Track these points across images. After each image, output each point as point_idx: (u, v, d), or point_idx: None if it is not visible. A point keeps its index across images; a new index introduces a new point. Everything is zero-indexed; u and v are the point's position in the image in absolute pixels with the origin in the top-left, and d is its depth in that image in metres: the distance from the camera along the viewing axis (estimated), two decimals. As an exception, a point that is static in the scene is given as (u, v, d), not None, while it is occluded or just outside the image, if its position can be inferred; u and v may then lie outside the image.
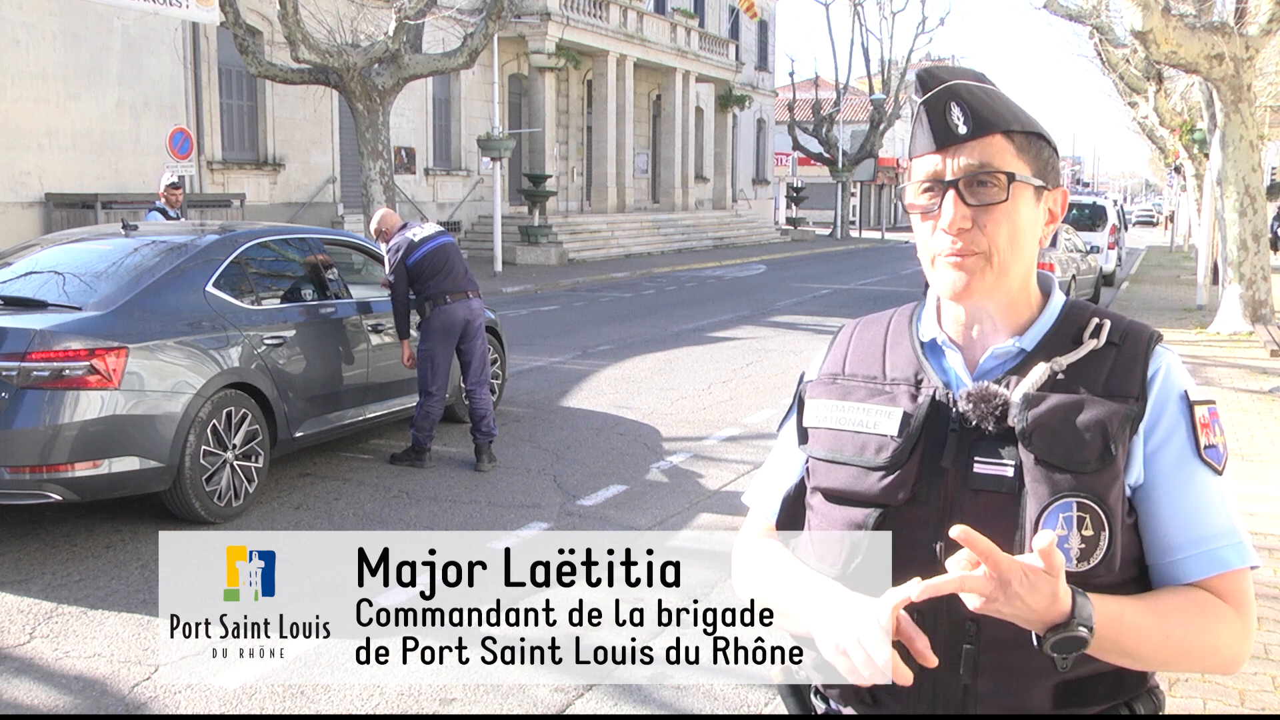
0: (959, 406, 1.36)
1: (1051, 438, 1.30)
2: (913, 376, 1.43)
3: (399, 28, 16.55)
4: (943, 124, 1.35)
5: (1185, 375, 1.39)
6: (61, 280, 5.83)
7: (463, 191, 27.85)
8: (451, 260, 7.07)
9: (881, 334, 1.51)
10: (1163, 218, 55.78)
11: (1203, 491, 1.34)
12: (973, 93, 1.36)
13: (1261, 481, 6.58)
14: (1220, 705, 3.62)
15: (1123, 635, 1.26)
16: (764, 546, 1.54)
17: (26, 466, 5.04)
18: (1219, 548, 1.33)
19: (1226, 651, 1.33)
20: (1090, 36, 21.36)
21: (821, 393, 1.49)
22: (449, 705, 3.77)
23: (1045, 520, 1.28)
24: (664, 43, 34.41)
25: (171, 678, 3.93)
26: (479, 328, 7.20)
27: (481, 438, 7.02)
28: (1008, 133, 1.35)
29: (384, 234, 7.21)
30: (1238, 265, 13.71)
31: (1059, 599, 1.18)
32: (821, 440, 1.46)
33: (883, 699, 1.40)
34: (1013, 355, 1.39)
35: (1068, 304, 1.44)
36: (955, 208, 1.34)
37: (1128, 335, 1.38)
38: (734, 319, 15.64)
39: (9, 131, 16.61)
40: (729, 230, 37.38)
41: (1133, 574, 1.35)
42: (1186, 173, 25.53)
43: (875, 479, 1.38)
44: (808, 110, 45.82)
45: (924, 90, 1.37)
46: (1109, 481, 1.30)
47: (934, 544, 1.34)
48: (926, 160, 1.38)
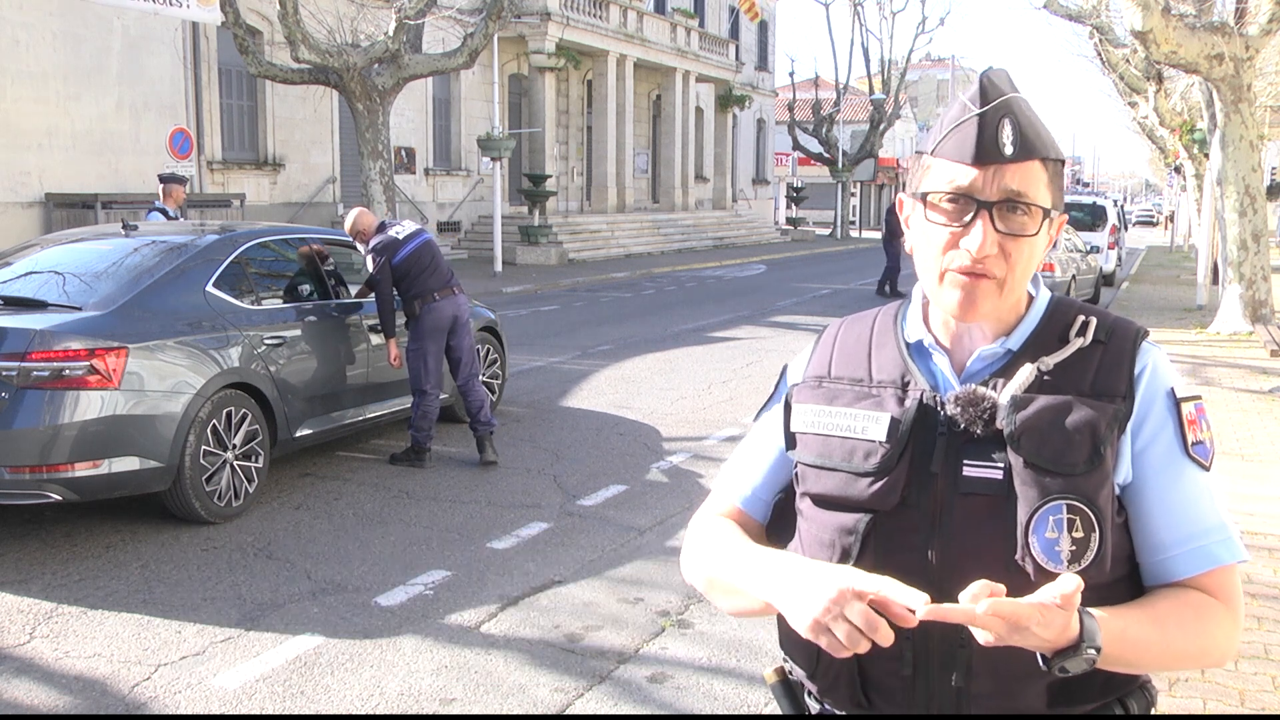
0: (947, 410, 1.36)
1: (1040, 440, 1.30)
2: (899, 379, 1.42)
3: (399, 28, 16.55)
4: (993, 139, 1.32)
5: (1172, 372, 1.39)
6: (61, 280, 5.83)
7: (463, 191, 27.86)
8: (436, 257, 7.07)
9: (866, 334, 1.50)
10: (1163, 218, 55.79)
11: (1191, 488, 1.35)
12: (1024, 113, 1.33)
13: (1261, 481, 6.57)
14: (1220, 705, 3.61)
15: (1126, 651, 1.27)
16: (717, 525, 1.53)
17: (26, 466, 5.04)
18: (1209, 544, 1.34)
19: (1219, 649, 1.35)
20: (1090, 36, 21.36)
21: (808, 397, 1.48)
22: (449, 705, 3.77)
23: (1036, 523, 1.28)
24: (664, 43, 34.41)
25: (171, 678, 3.93)
26: (466, 323, 7.20)
27: (482, 428, 7.02)
28: (1045, 160, 1.34)
29: (361, 234, 7.10)
30: (1238, 265, 13.71)
31: (1069, 626, 1.19)
32: (810, 446, 1.45)
33: (876, 700, 1.39)
34: (999, 356, 1.39)
35: (1053, 301, 1.44)
36: (986, 233, 1.32)
37: (1114, 332, 1.39)
38: (734, 319, 15.64)
39: (9, 131, 16.61)
40: (729, 230, 37.39)
41: (1124, 572, 1.35)
42: (1186, 173, 25.53)
43: (864, 485, 1.37)
44: (808, 110, 45.82)
45: (984, 100, 1.33)
46: (1098, 483, 1.30)
47: (925, 548, 1.34)
48: (959, 169, 1.34)
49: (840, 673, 1.40)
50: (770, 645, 4.28)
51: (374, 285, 6.97)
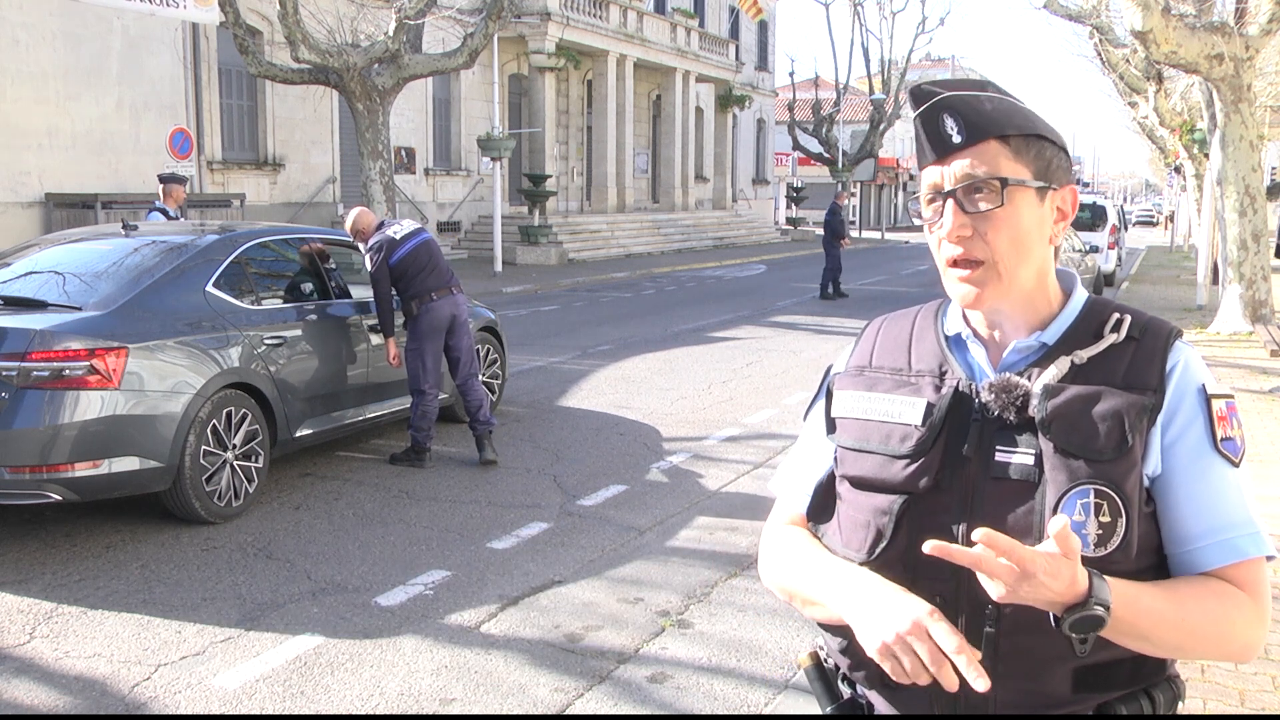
0: (981, 397, 1.40)
1: (1069, 427, 1.33)
2: (937, 368, 1.47)
3: (399, 28, 16.55)
4: (938, 135, 1.39)
5: (1204, 370, 1.42)
6: (61, 280, 5.83)
7: (463, 191, 27.85)
8: (435, 257, 7.07)
9: (908, 328, 1.56)
10: (1163, 218, 55.79)
11: (1219, 483, 1.37)
12: (965, 101, 1.39)
13: (1262, 481, 6.57)
14: (1220, 705, 3.61)
15: (1139, 619, 1.28)
16: (791, 535, 1.58)
17: (26, 466, 5.04)
18: (1235, 537, 1.36)
19: (1241, 638, 1.35)
20: (1090, 36, 21.35)
21: (849, 384, 1.53)
22: (449, 705, 3.77)
23: (1063, 506, 1.31)
24: (664, 43, 34.41)
25: (171, 678, 3.93)
26: (464, 322, 7.20)
27: (481, 427, 7.02)
28: (1003, 137, 1.39)
29: (361, 233, 7.14)
30: (1238, 265, 13.71)
31: (1076, 580, 1.22)
32: (849, 430, 1.50)
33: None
34: (1035, 349, 1.43)
35: (1089, 300, 1.48)
36: (955, 217, 1.39)
37: (1148, 330, 1.42)
38: (734, 319, 15.64)
39: (9, 131, 16.61)
40: (729, 230, 37.38)
41: (1151, 562, 1.37)
42: (1186, 173, 25.53)
43: (899, 467, 1.42)
44: (808, 110, 45.79)
45: (916, 105, 1.41)
46: (1126, 470, 1.33)
47: (956, 530, 1.37)
48: (930, 172, 1.42)
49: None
50: (770, 645, 4.28)
51: (372, 284, 6.98)
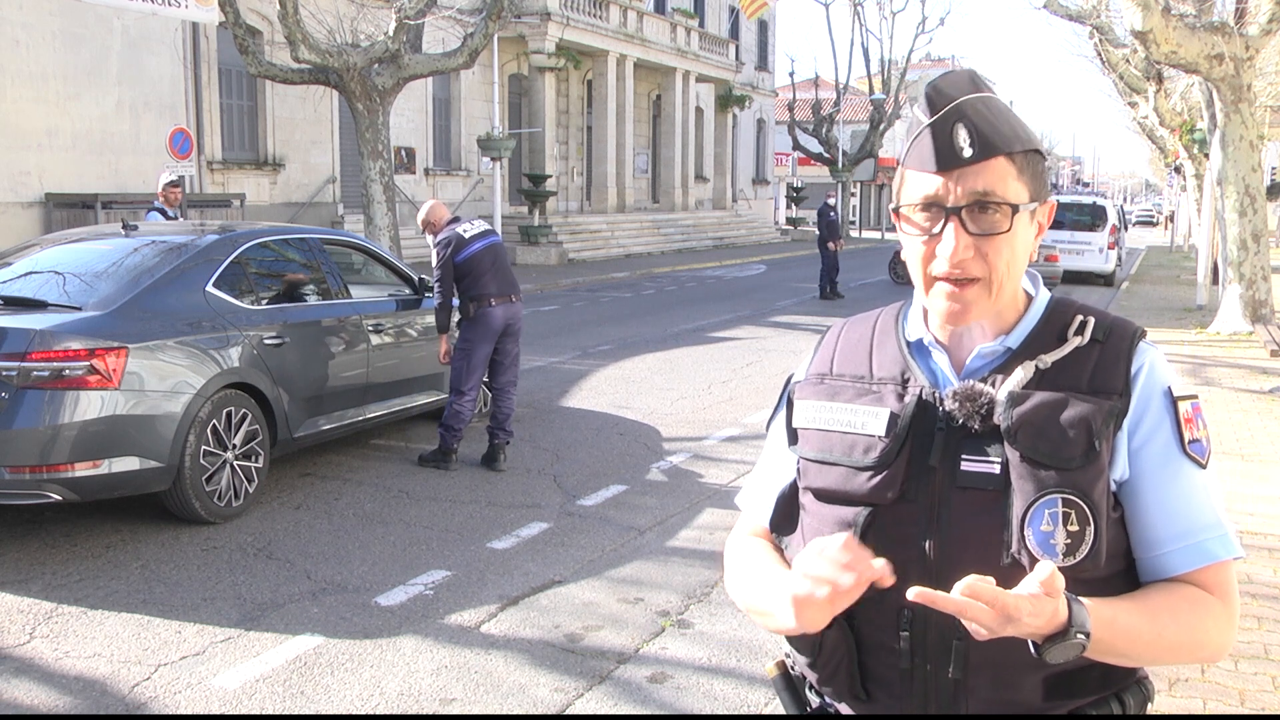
0: (945, 405, 1.37)
1: (1036, 435, 1.31)
2: (899, 376, 1.44)
3: (399, 28, 16.54)
4: (948, 146, 1.32)
5: (1169, 371, 1.40)
6: (61, 280, 5.83)
7: (463, 191, 27.85)
8: (500, 261, 7.02)
9: (868, 334, 1.52)
10: (1163, 218, 55.78)
11: (1187, 486, 1.35)
12: (979, 113, 1.33)
13: (1262, 481, 6.57)
14: (1220, 705, 3.61)
15: (1117, 639, 1.28)
16: (749, 547, 1.56)
17: (26, 466, 5.04)
18: (1205, 540, 1.35)
19: (1214, 644, 1.35)
20: (1090, 36, 21.35)
21: (810, 393, 1.50)
22: (449, 705, 3.77)
23: (1031, 515, 1.29)
24: (664, 43, 34.41)
25: (171, 678, 3.93)
26: (518, 331, 7.18)
27: (503, 436, 7.01)
28: (1010, 154, 1.34)
29: (432, 225, 7.13)
30: (1238, 265, 13.71)
31: (1058, 613, 1.21)
32: (811, 441, 1.47)
33: (875, 693, 1.41)
34: (999, 354, 1.40)
35: (1052, 301, 1.45)
36: (958, 238, 1.33)
37: (1111, 332, 1.39)
38: (734, 319, 15.64)
39: (9, 131, 16.61)
40: (729, 230, 37.38)
41: (1120, 567, 1.36)
42: (1186, 173, 25.53)
43: (864, 479, 1.39)
44: (808, 110, 45.79)
45: (932, 109, 1.34)
46: (1093, 477, 1.31)
47: (923, 541, 1.35)
48: (925, 179, 1.35)
49: (840, 663, 1.41)
50: (770, 645, 4.28)
51: (437, 278, 6.94)
